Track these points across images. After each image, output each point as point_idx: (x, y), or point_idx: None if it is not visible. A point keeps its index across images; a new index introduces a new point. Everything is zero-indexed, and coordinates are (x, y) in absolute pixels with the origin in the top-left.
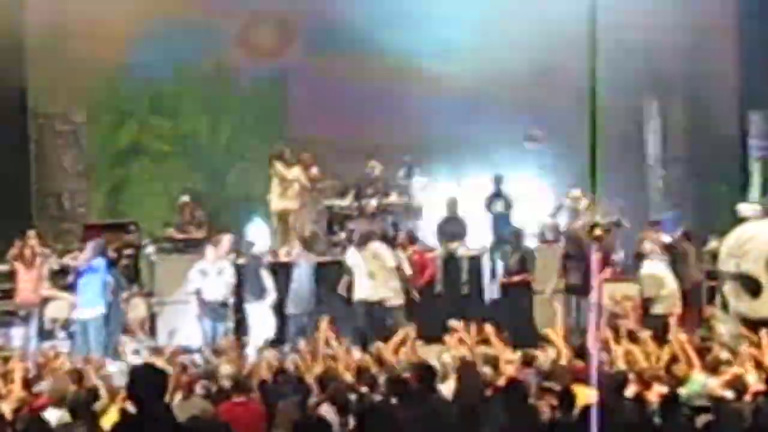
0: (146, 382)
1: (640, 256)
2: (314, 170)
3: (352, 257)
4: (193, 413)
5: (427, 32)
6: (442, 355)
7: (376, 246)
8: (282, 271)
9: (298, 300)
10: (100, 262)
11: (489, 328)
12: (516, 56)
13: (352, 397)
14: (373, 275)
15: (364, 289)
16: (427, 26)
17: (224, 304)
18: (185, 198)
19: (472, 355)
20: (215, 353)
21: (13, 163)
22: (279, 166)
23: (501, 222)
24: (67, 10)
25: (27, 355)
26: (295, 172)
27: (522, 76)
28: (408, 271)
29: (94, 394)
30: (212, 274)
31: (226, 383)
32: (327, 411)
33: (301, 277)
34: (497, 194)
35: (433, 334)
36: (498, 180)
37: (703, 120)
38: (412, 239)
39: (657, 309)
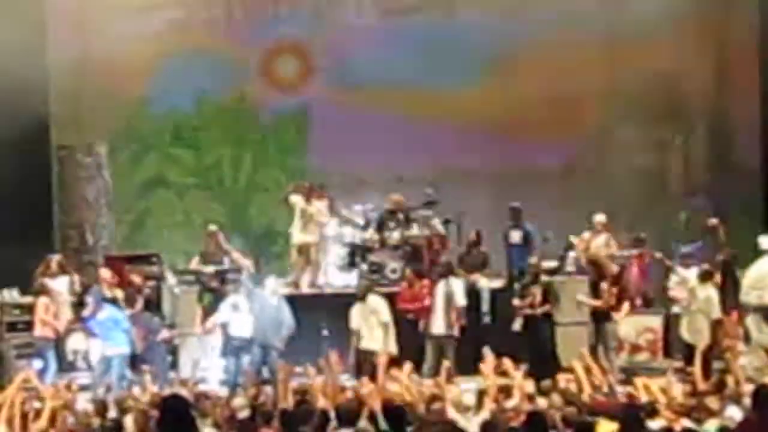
0: (176, 413)
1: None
2: (335, 203)
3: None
4: None
5: (450, 62)
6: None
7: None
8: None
9: None
10: (116, 314)
11: (507, 362)
12: (536, 85)
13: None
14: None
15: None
16: (450, 56)
17: (250, 341)
18: (213, 227)
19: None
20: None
21: (35, 196)
22: (299, 200)
23: (518, 253)
24: (90, 42)
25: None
26: (317, 206)
27: (543, 104)
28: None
29: (118, 426)
30: (244, 309)
31: (243, 414)
32: None
33: None
34: (515, 225)
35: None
36: (515, 211)
37: (724, 152)
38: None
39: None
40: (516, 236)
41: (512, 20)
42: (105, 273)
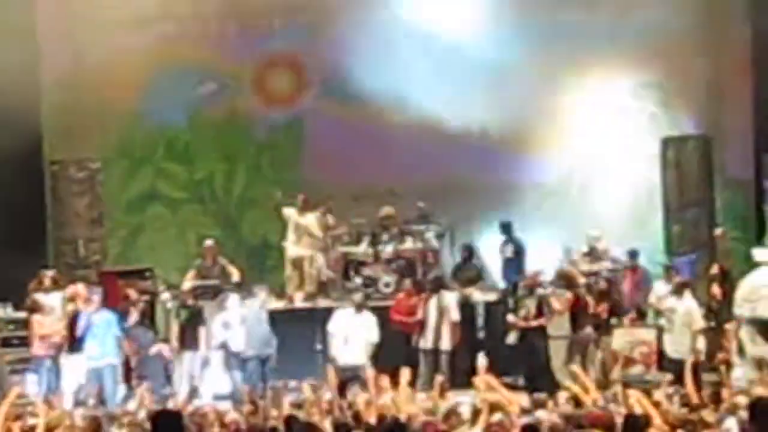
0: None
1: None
2: (329, 217)
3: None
4: None
5: (441, 77)
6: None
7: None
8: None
9: None
10: (110, 317)
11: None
12: (528, 101)
13: None
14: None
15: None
16: (444, 70)
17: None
18: (210, 242)
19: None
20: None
21: (28, 211)
22: (293, 214)
23: (511, 267)
24: (82, 58)
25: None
26: (309, 219)
27: (535, 120)
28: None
29: None
30: (235, 324)
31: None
32: None
33: None
34: (508, 240)
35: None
36: (506, 226)
37: (717, 165)
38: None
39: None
40: (508, 251)
41: (507, 34)
42: (81, 289)
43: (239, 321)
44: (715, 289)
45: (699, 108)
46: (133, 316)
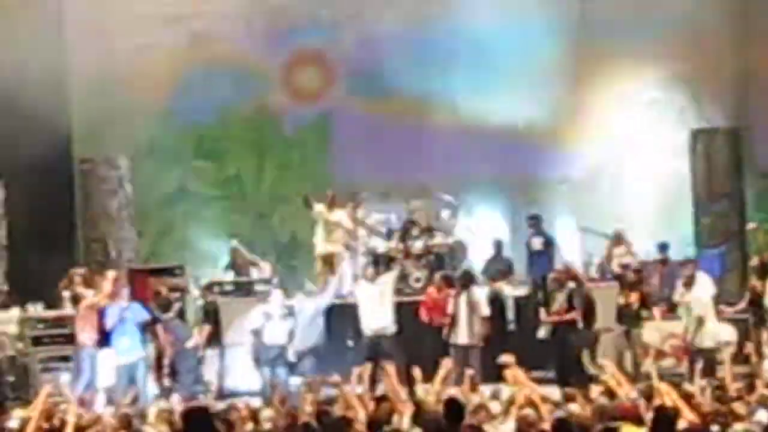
0: (199, 426)
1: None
2: (359, 212)
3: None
4: None
5: (469, 73)
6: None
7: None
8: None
9: None
10: (141, 310)
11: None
12: (558, 93)
13: None
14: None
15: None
16: (470, 67)
17: (283, 348)
18: (234, 243)
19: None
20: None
21: (58, 210)
22: (323, 210)
23: (541, 260)
24: (111, 56)
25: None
26: (339, 215)
27: (564, 115)
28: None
29: None
30: (276, 317)
31: (267, 426)
32: None
33: None
34: (535, 233)
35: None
36: (534, 219)
37: (746, 156)
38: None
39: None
40: (537, 243)
41: (532, 29)
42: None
43: (281, 315)
44: (756, 282)
45: (729, 100)
46: (174, 308)
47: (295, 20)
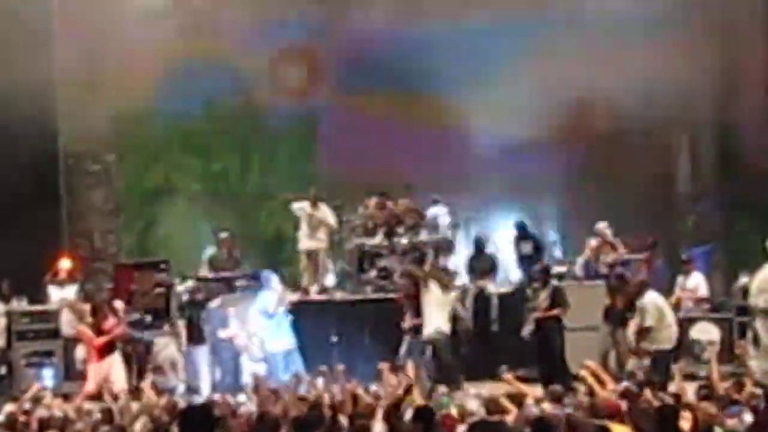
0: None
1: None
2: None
3: None
4: None
5: (458, 69)
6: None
7: None
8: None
9: None
10: None
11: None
12: (545, 91)
13: None
14: None
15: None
16: (458, 63)
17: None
18: (224, 234)
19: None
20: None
21: (44, 204)
22: (305, 206)
23: (530, 263)
24: (98, 50)
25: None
26: (323, 212)
27: (551, 110)
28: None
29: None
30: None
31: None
32: None
33: None
34: (523, 237)
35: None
36: (520, 225)
37: (732, 155)
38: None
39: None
40: (526, 247)
41: (521, 26)
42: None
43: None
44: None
45: (713, 97)
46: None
47: (283, 16)
